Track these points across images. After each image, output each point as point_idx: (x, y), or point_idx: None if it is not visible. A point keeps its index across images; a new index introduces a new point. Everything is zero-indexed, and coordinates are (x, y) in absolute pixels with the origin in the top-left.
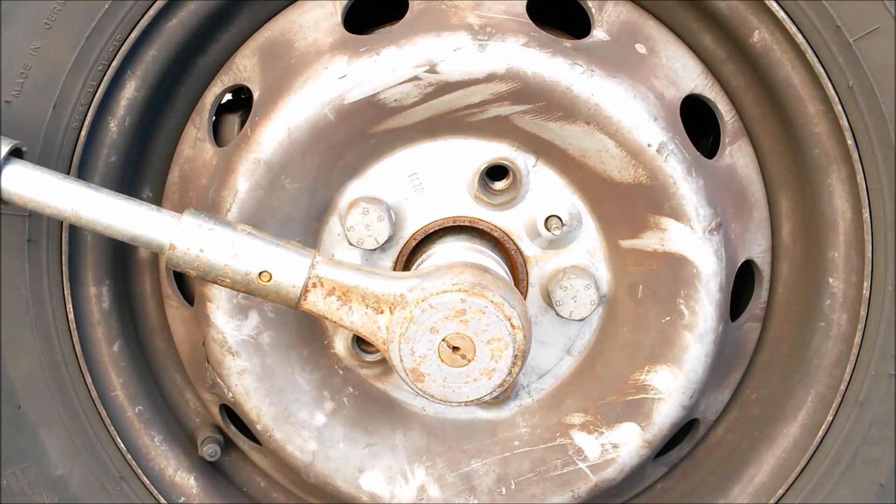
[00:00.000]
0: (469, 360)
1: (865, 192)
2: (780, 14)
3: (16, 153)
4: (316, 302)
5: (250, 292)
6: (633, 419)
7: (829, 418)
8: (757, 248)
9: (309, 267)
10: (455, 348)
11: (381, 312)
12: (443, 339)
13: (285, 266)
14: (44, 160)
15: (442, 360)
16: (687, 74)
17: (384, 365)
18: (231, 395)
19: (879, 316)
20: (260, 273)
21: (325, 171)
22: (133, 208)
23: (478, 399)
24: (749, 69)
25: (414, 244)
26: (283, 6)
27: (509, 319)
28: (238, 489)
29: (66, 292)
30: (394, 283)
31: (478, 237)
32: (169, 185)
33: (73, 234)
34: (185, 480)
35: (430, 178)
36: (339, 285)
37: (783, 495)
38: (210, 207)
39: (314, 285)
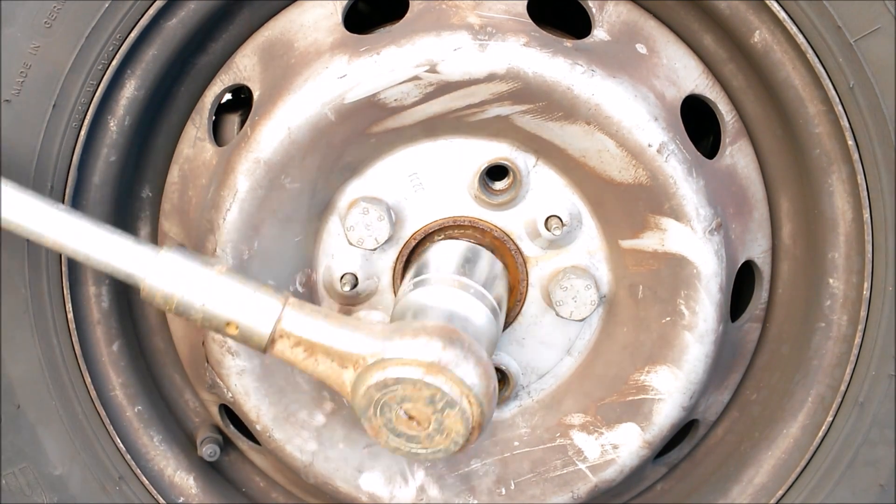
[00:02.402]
0: (425, 429)
1: (866, 193)
2: (781, 14)
3: None
4: (283, 351)
5: (220, 334)
6: (632, 420)
7: (829, 419)
8: (757, 249)
9: (276, 320)
10: (412, 416)
11: (346, 368)
12: (401, 406)
13: (254, 315)
14: (43, 160)
15: (399, 426)
16: (687, 74)
17: None
18: (230, 395)
19: (880, 316)
20: (227, 323)
21: (325, 170)
22: (114, 239)
23: (433, 460)
24: (750, 69)
25: (414, 244)
26: (284, 6)
27: (466, 396)
28: (237, 489)
29: (65, 292)
30: (357, 343)
31: (478, 237)
32: (169, 185)
33: None
34: (185, 480)
35: (430, 178)
36: (303, 340)
37: (783, 496)
38: (210, 207)
39: (280, 336)
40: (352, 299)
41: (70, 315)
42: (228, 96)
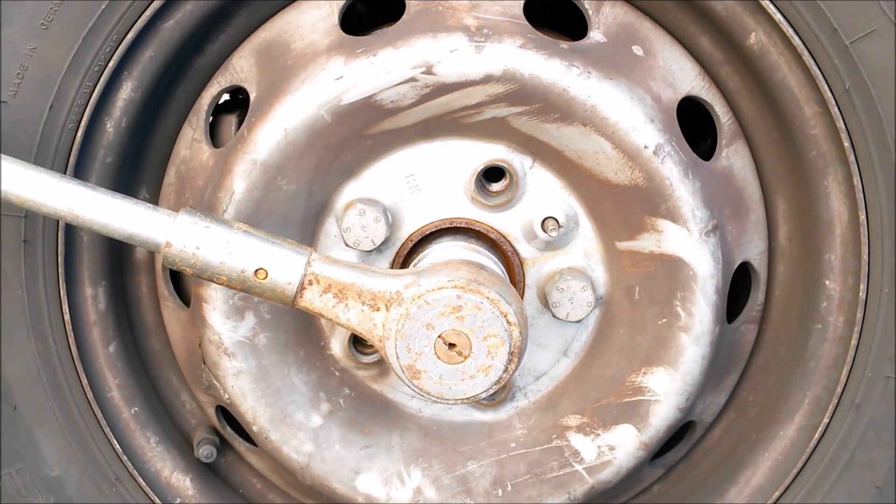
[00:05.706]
0: (465, 357)
1: (862, 195)
2: (777, 16)
3: None
4: (312, 299)
5: (246, 290)
6: (629, 421)
7: (826, 421)
8: (753, 250)
9: (305, 264)
10: (451, 345)
11: (378, 310)
12: (439, 336)
13: (281, 263)
14: (40, 161)
15: (438, 357)
16: (684, 76)
17: (381, 366)
18: (227, 396)
19: (876, 318)
20: (256, 271)
21: (321, 172)
22: (129, 207)
23: (474, 397)
24: (746, 71)
25: (411, 245)
26: (280, 7)
27: (505, 316)
28: (234, 491)
29: (62, 293)
30: (390, 281)
31: (474, 238)
32: (165, 186)
33: (70, 234)
34: (181, 482)
35: (426, 180)
36: (334, 283)
37: (779, 497)
38: (206, 209)
39: (310, 283)
40: None
41: (67, 316)
42: (225, 97)
